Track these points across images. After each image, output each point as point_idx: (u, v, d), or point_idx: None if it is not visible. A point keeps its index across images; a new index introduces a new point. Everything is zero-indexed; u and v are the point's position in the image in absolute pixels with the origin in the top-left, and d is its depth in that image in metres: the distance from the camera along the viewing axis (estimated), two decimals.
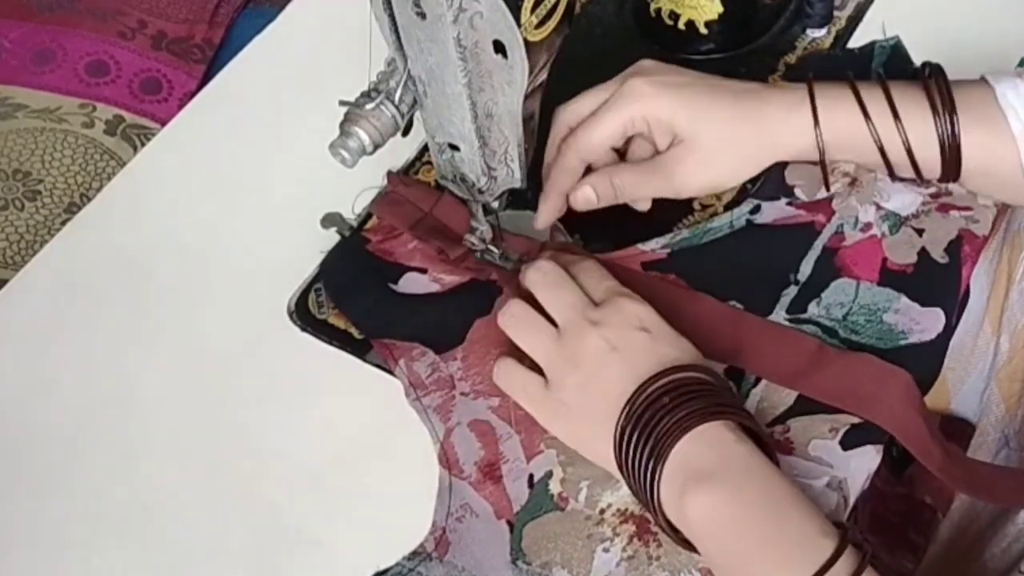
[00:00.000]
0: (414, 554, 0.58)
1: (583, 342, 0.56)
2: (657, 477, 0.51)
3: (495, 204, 0.63)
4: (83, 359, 0.69)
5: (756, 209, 0.66)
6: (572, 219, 0.68)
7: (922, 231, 0.63)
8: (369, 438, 0.63)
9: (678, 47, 0.77)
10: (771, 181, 0.67)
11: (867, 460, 0.57)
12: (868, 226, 0.64)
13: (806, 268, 0.63)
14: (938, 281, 0.62)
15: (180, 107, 0.90)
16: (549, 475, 0.58)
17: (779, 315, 0.62)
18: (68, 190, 0.93)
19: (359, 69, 0.57)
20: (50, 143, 0.95)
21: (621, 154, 0.66)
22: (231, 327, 0.69)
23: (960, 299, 0.62)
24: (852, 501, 0.56)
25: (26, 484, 0.64)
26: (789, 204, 0.66)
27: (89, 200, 0.79)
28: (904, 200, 0.64)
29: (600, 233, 0.68)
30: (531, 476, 0.59)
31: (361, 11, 0.55)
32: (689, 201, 0.69)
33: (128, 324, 0.70)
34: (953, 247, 0.62)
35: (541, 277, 0.60)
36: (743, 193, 0.67)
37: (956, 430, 0.79)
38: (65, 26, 1.03)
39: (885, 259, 0.63)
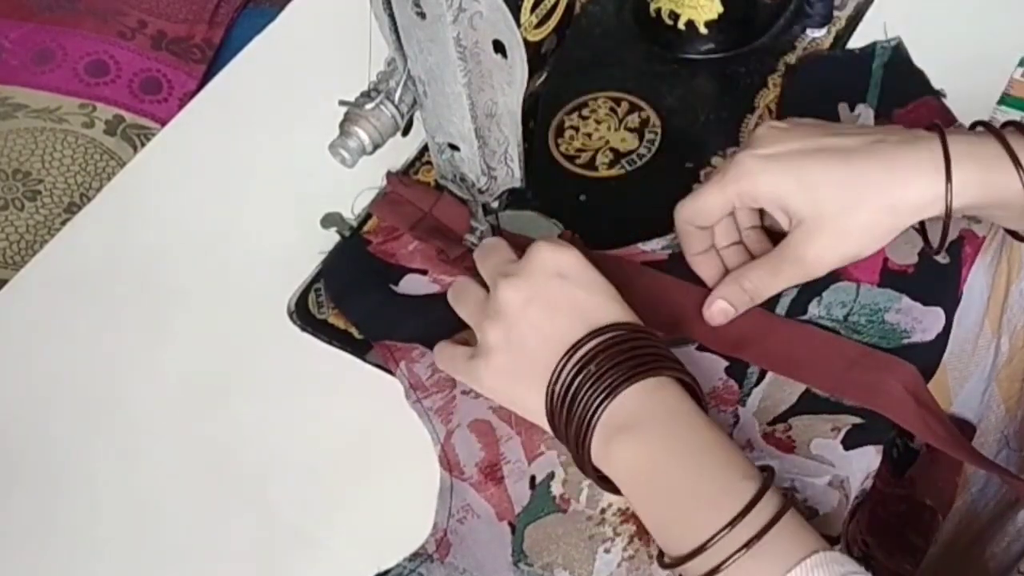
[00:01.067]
0: (415, 555, 0.58)
1: (497, 296, 0.55)
2: (588, 439, 0.51)
3: (495, 204, 0.63)
4: (83, 359, 0.69)
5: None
6: (572, 219, 0.69)
7: (923, 230, 0.63)
8: (369, 438, 0.63)
9: (678, 47, 0.77)
10: None
11: (868, 460, 0.57)
12: None
13: None
14: (938, 281, 0.62)
15: (180, 107, 0.90)
16: (551, 476, 0.58)
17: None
18: (68, 190, 0.93)
19: (359, 69, 0.57)
20: (50, 143, 0.95)
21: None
22: (231, 327, 0.69)
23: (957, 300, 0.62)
24: (852, 500, 0.56)
25: (26, 484, 0.64)
26: None
27: (89, 200, 0.79)
28: None
29: (601, 232, 0.68)
30: (532, 477, 0.59)
31: (361, 11, 0.55)
32: None
33: (128, 324, 0.70)
34: (954, 248, 0.62)
35: (480, 249, 0.61)
36: None
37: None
38: (65, 26, 1.03)
39: (886, 260, 0.63)
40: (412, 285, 0.67)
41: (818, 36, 0.76)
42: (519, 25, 0.49)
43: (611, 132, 0.73)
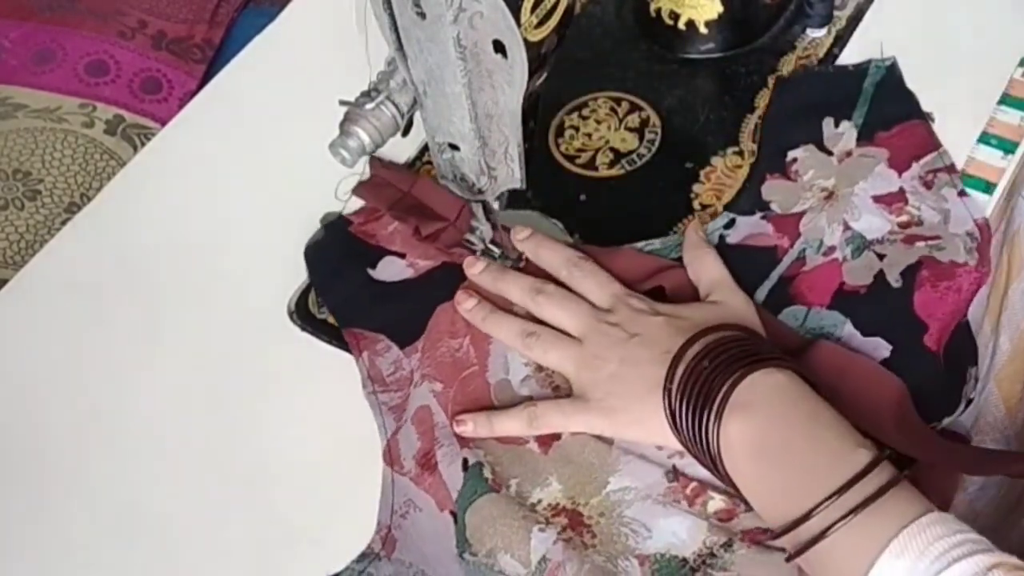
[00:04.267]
0: (363, 556, 0.58)
1: (604, 340, 0.58)
2: (710, 432, 0.52)
3: (495, 204, 0.63)
4: (83, 359, 0.69)
5: (731, 224, 0.66)
6: (572, 219, 0.69)
7: (883, 256, 0.63)
8: (369, 438, 0.62)
9: (678, 47, 0.77)
10: (748, 195, 0.68)
11: None
12: (831, 249, 0.64)
13: (760, 295, 0.63)
14: (889, 305, 0.61)
15: (180, 107, 0.90)
16: (481, 465, 0.59)
17: None
18: (68, 190, 0.93)
19: (359, 69, 0.57)
20: (50, 143, 0.95)
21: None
22: (231, 327, 0.69)
23: (927, 326, 0.60)
24: None
25: (26, 483, 0.64)
26: (763, 218, 0.66)
27: (89, 200, 0.79)
28: (873, 223, 0.64)
29: (601, 232, 0.68)
30: (465, 460, 0.59)
31: (361, 11, 0.55)
32: (689, 202, 0.69)
33: (128, 324, 0.70)
34: (909, 271, 0.62)
35: (545, 297, 0.62)
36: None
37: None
38: (65, 26, 1.03)
39: (842, 283, 0.63)
40: (389, 269, 0.68)
41: (818, 36, 0.76)
42: (519, 25, 0.49)
43: (611, 132, 0.73)
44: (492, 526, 0.56)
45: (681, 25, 0.76)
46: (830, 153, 0.68)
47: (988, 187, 0.67)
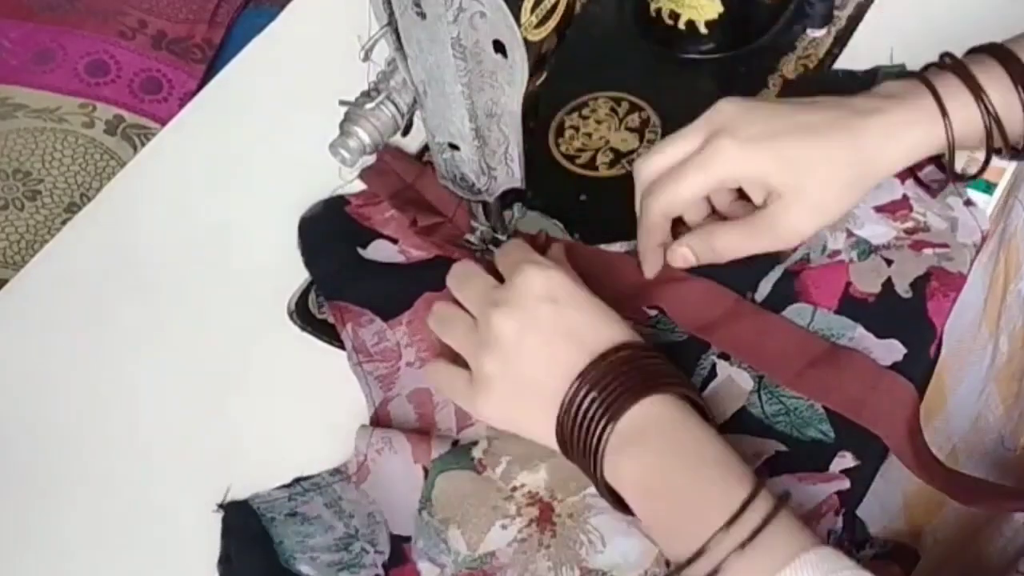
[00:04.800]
0: (336, 471, 0.59)
1: (490, 326, 0.55)
2: (600, 460, 0.51)
3: (505, 209, 0.63)
4: (83, 359, 0.69)
5: None
6: (572, 219, 0.69)
7: (891, 262, 0.62)
8: None
9: (678, 47, 0.77)
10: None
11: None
12: (836, 253, 0.63)
13: (764, 288, 0.63)
14: (899, 315, 0.61)
15: (180, 107, 0.90)
16: (474, 443, 0.59)
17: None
18: (68, 190, 0.93)
19: (359, 69, 0.57)
20: (50, 143, 0.95)
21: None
22: (231, 327, 0.69)
23: (937, 334, 0.60)
24: None
25: (26, 483, 0.64)
26: None
27: (89, 200, 0.79)
28: (877, 230, 0.63)
29: (601, 232, 0.68)
30: (456, 441, 0.60)
31: (361, 11, 0.55)
32: None
33: (128, 324, 0.70)
34: (919, 283, 0.61)
35: (456, 273, 0.60)
36: None
37: None
38: (65, 26, 1.03)
39: (849, 283, 0.62)
40: (379, 251, 0.68)
41: (818, 36, 0.76)
42: (519, 25, 0.49)
43: (611, 132, 0.73)
44: (459, 499, 0.57)
45: (681, 25, 0.76)
46: None
47: (988, 187, 0.67)
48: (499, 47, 0.50)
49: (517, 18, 0.49)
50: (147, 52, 1.03)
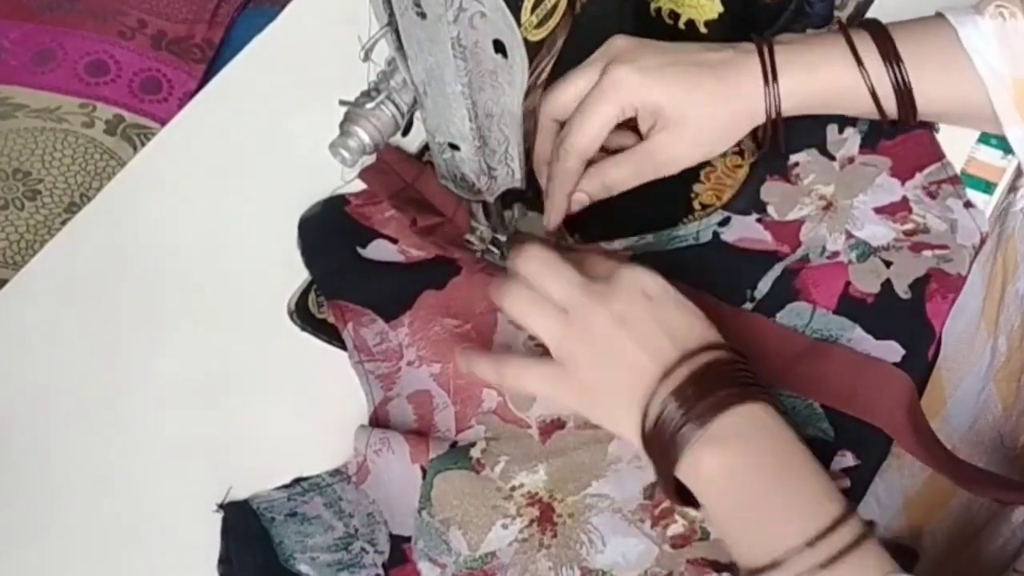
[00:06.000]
0: (336, 471, 0.59)
1: (590, 319, 0.54)
2: (677, 458, 0.51)
3: (507, 211, 0.63)
4: (83, 359, 0.69)
5: (725, 221, 0.66)
6: (572, 219, 0.69)
7: (890, 263, 0.62)
8: None
9: None
10: (746, 194, 0.67)
11: None
12: (835, 254, 0.63)
13: (764, 285, 0.63)
14: (898, 316, 0.61)
15: (180, 107, 0.89)
16: (472, 444, 0.59)
17: None
18: (68, 190, 0.93)
19: (359, 69, 0.57)
20: (50, 143, 0.95)
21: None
22: (231, 327, 0.69)
23: (936, 336, 0.60)
24: None
25: (25, 483, 0.64)
26: (759, 221, 0.66)
27: (89, 200, 0.79)
28: (877, 231, 0.64)
29: (600, 232, 0.68)
30: (455, 443, 0.60)
31: (361, 11, 0.55)
32: (689, 202, 0.69)
33: (128, 324, 0.70)
34: (918, 284, 0.61)
35: (537, 260, 0.57)
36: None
37: None
38: (65, 26, 1.03)
39: (848, 283, 0.62)
40: (378, 250, 0.69)
41: None
42: (519, 25, 0.49)
43: (611, 132, 0.73)
44: (459, 499, 0.57)
45: (681, 25, 0.76)
46: (832, 158, 0.68)
47: (988, 187, 0.67)
48: (499, 47, 0.50)
49: (517, 18, 0.49)
50: (147, 52, 1.03)
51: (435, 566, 0.56)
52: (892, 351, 0.59)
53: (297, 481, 0.60)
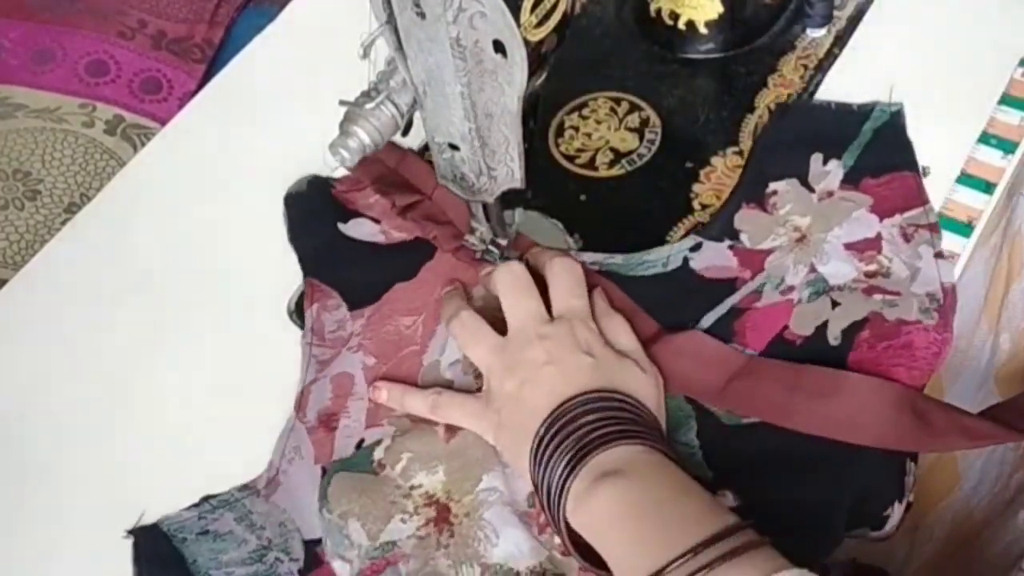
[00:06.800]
0: (245, 487, 0.60)
1: (524, 352, 0.57)
2: (568, 485, 0.51)
3: (506, 216, 0.63)
4: (83, 359, 0.69)
5: (697, 247, 0.66)
6: (572, 219, 0.69)
7: (838, 304, 0.61)
8: None
9: (678, 47, 0.77)
10: (720, 221, 0.66)
11: None
12: (790, 289, 0.62)
13: (706, 322, 0.62)
14: (818, 362, 0.59)
15: (180, 107, 0.90)
16: (377, 443, 0.60)
17: None
18: (68, 190, 0.93)
19: (359, 69, 0.57)
20: (50, 143, 0.95)
21: None
22: (231, 327, 0.69)
23: None
24: None
25: (26, 484, 0.64)
26: (731, 247, 0.65)
27: (89, 200, 0.79)
28: (840, 269, 0.62)
29: (600, 236, 0.68)
30: (361, 441, 0.61)
31: (361, 11, 0.55)
32: (689, 202, 0.69)
33: (128, 324, 0.70)
34: (852, 329, 0.60)
35: (511, 279, 0.60)
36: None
37: None
38: (65, 26, 1.03)
39: (786, 326, 0.61)
40: (359, 228, 0.70)
41: (818, 36, 0.76)
42: (519, 25, 0.49)
43: (611, 132, 0.73)
44: (356, 494, 0.58)
45: (681, 25, 0.76)
46: (812, 190, 0.66)
47: (988, 187, 0.67)
48: (499, 47, 0.50)
49: (517, 18, 0.49)
50: (147, 52, 1.03)
51: (344, 562, 0.57)
52: None
53: (206, 499, 0.60)
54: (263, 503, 0.59)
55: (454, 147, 0.58)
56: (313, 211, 0.71)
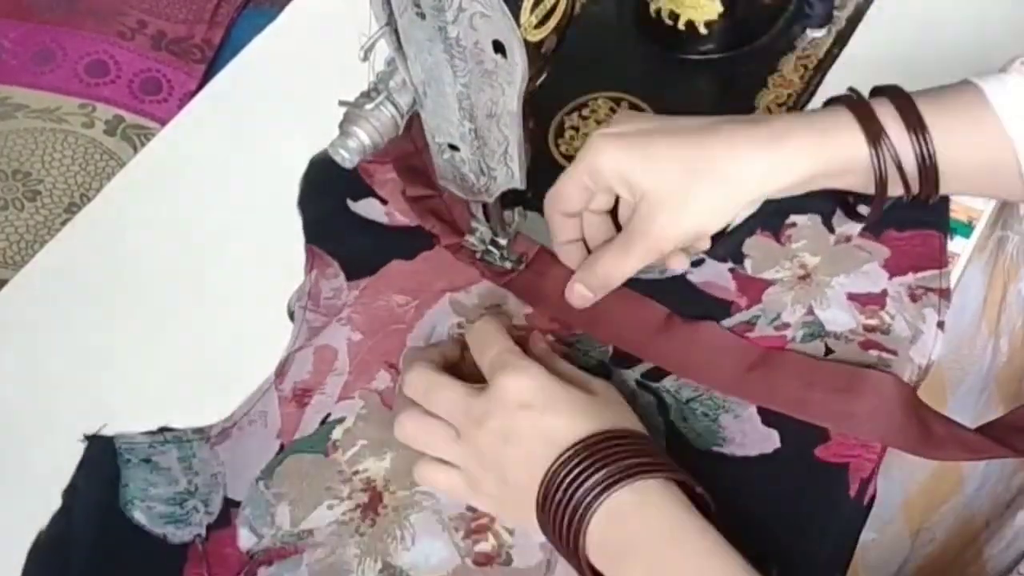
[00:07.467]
0: (199, 429, 0.62)
1: (477, 442, 0.55)
2: (583, 558, 0.51)
3: (508, 214, 0.63)
4: (83, 359, 0.69)
5: (699, 262, 0.65)
6: None
7: (831, 352, 0.60)
8: None
9: (678, 47, 0.77)
10: (729, 242, 0.65)
11: None
12: (784, 326, 0.62)
13: None
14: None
15: (180, 107, 0.90)
16: (339, 421, 0.61)
17: (636, 372, 0.62)
18: (68, 190, 0.93)
19: (359, 69, 0.57)
20: (50, 143, 0.95)
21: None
22: (231, 327, 0.69)
23: (827, 435, 0.58)
24: None
25: (26, 484, 0.64)
26: (731, 271, 0.65)
27: (89, 200, 0.79)
28: (839, 317, 0.61)
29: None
30: (328, 415, 0.61)
31: (361, 11, 0.55)
32: None
33: (128, 324, 0.70)
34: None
35: (416, 389, 0.57)
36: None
37: None
38: (65, 26, 1.03)
39: None
40: (367, 208, 0.71)
41: (818, 36, 0.76)
42: (519, 25, 0.49)
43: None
44: (299, 481, 0.59)
45: (681, 25, 0.76)
46: (832, 231, 0.65)
47: None
48: (499, 47, 0.50)
49: (517, 18, 0.49)
50: (147, 52, 1.03)
51: (253, 535, 0.58)
52: (771, 440, 0.58)
53: (163, 430, 0.62)
54: (208, 450, 0.61)
55: (454, 147, 0.58)
56: (329, 180, 0.71)
